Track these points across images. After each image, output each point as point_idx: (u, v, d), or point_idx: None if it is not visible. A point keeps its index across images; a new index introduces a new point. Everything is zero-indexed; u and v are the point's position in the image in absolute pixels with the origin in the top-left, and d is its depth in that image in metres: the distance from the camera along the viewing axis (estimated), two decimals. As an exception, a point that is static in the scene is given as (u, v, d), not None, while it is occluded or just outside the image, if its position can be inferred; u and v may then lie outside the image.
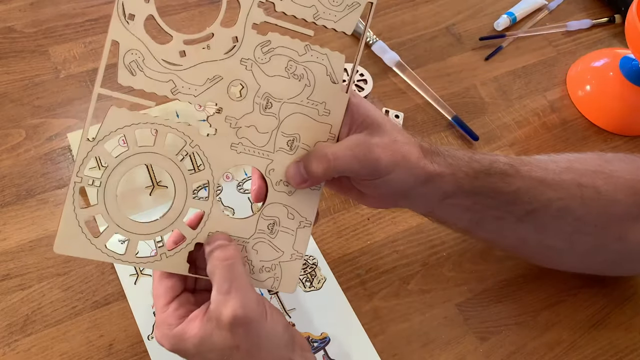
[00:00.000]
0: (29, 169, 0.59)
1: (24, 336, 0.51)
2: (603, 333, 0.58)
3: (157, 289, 0.44)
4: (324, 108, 0.43)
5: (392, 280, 0.58)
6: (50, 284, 0.54)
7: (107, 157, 0.39)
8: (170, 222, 0.41)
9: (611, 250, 0.52)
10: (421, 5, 0.80)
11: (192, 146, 0.41)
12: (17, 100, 0.64)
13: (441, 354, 0.55)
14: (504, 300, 0.59)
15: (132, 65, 0.38)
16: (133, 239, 0.41)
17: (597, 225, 0.49)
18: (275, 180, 0.43)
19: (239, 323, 0.40)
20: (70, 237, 0.39)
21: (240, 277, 0.41)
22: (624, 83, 0.71)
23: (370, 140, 0.42)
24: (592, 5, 0.84)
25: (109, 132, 0.39)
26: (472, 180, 0.46)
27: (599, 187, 0.49)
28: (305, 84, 0.42)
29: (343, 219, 0.61)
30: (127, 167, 0.40)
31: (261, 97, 0.41)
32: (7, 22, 0.69)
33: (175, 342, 0.42)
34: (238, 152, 0.42)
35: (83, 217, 0.40)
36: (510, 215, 0.48)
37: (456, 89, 0.73)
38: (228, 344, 0.40)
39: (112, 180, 0.40)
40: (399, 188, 0.44)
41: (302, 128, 0.43)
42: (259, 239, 0.44)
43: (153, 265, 0.42)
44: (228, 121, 0.41)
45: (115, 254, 0.41)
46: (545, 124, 0.72)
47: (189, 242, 0.42)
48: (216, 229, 0.42)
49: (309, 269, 0.57)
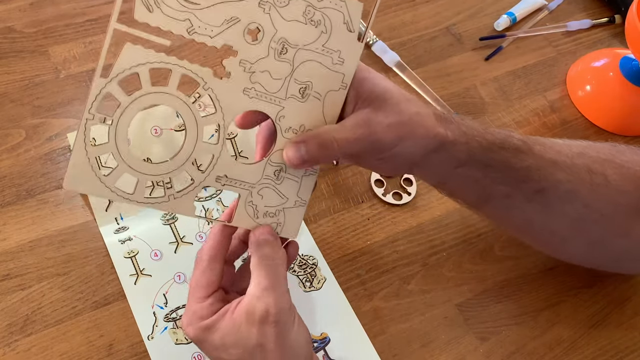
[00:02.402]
0: (29, 169, 0.59)
1: (24, 336, 0.51)
2: (603, 333, 0.58)
3: (200, 279, 0.44)
4: (338, 57, 0.42)
5: (392, 280, 0.58)
6: (50, 284, 0.54)
7: (120, 94, 0.38)
8: (180, 164, 0.41)
9: (615, 245, 0.52)
10: (421, 5, 0.80)
11: (205, 89, 0.40)
12: (17, 100, 0.64)
13: (441, 354, 0.55)
14: (504, 300, 0.59)
15: (149, 2, 0.37)
16: (142, 179, 0.41)
17: (604, 214, 0.49)
18: (284, 127, 0.43)
19: (269, 321, 0.40)
20: (80, 173, 0.39)
21: (281, 280, 0.42)
22: (624, 83, 0.71)
23: (373, 119, 0.42)
24: (592, 5, 0.84)
25: (122, 69, 0.38)
26: (485, 151, 0.45)
27: (608, 175, 0.49)
28: (321, 31, 0.41)
29: (343, 219, 0.61)
30: (140, 106, 0.39)
31: (277, 42, 0.41)
32: (7, 22, 0.69)
33: (201, 333, 0.42)
34: (250, 97, 0.41)
35: (93, 154, 0.39)
36: (519, 194, 0.48)
37: (456, 89, 0.73)
38: (253, 342, 0.40)
39: (124, 119, 0.39)
40: (408, 158, 0.44)
41: (315, 76, 0.42)
42: (264, 185, 0.44)
43: (161, 206, 0.42)
44: (242, 65, 0.40)
45: (124, 192, 0.40)
46: (545, 124, 0.72)
47: (197, 184, 0.42)
48: (224, 173, 0.42)
49: (309, 269, 0.57)
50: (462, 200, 0.51)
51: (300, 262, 0.58)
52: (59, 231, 0.56)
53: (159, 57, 0.39)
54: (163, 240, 0.57)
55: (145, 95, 0.39)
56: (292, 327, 0.41)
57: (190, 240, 0.57)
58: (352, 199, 0.62)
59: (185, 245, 0.57)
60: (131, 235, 0.57)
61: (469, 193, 0.49)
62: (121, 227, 0.57)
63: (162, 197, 0.41)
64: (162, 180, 0.41)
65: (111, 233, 0.57)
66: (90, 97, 0.38)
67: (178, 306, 0.54)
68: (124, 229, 0.57)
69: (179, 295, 0.55)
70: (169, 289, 0.55)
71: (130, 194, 0.41)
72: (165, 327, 0.53)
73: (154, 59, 0.38)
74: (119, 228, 0.57)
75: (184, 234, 0.58)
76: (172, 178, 0.41)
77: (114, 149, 0.39)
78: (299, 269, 0.57)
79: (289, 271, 0.57)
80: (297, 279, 0.57)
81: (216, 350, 0.42)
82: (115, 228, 0.57)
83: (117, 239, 0.56)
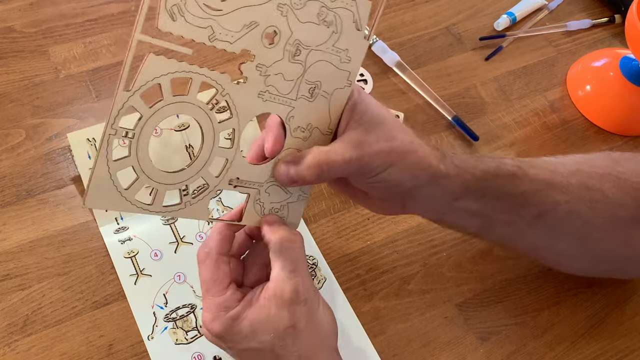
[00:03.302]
0: (29, 169, 0.59)
1: (24, 336, 0.51)
2: (603, 333, 0.58)
3: (214, 273, 0.44)
4: (346, 55, 0.43)
5: (392, 280, 0.58)
6: (50, 284, 0.54)
7: (142, 107, 0.38)
8: (197, 170, 0.42)
9: (619, 255, 0.52)
10: (421, 5, 0.80)
11: (223, 95, 0.40)
12: (17, 100, 0.64)
13: (441, 354, 0.55)
14: (504, 300, 0.59)
15: (173, 10, 0.37)
16: (161, 189, 0.41)
17: (605, 229, 0.49)
18: (293, 127, 0.44)
19: (300, 300, 0.41)
20: (102, 190, 0.39)
21: (304, 262, 0.43)
22: (624, 83, 0.71)
23: (364, 139, 0.42)
24: (592, 5, 0.84)
25: (145, 81, 0.37)
26: (479, 181, 0.46)
27: (605, 190, 0.49)
28: (332, 31, 0.42)
29: (343, 219, 0.61)
30: (162, 117, 0.39)
31: (292, 45, 0.41)
32: (7, 22, 0.69)
33: (228, 324, 0.42)
34: (264, 100, 0.42)
35: (115, 170, 0.39)
36: (520, 220, 0.48)
37: (456, 89, 0.73)
38: (284, 323, 0.41)
39: (146, 130, 0.39)
40: (398, 187, 0.44)
41: (324, 75, 0.43)
42: (272, 183, 0.45)
43: (178, 213, 0.42)
44: (259, 69, 0.41)
45: (143, 204, 0.41)
46: (545, 124, 0.72)
47: (212, 189, 0.43)
48: (237, 176, 0.43)
49: (309, 269, 0.57)
50: (463, 231, 0.52)
51: (300, 262, 0.58)
52: (59, 231, 0.56)
53: (181, 67, 0.38)
54: (163, 240, 0.57)
55: (167, 106, 0.39)
56: (318, 306, 0.43)
57: (190, 240, 0.57)
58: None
59: (185, 245, 0.57)
60: (131, 235, 0.57)
61: (470, 225, 0.49)
62: (121, 227, 0.57)
63: (179, 204, 0.42)
64: (178, 189, 0.41)
65: (111, 233, 0.57)
66: (113, 112, 0.37)
67: (178, 306, 0.54)
68: (124, 229, 0.57)
69: (179, 295, 0.55)
70: (169, 289, 0.55)
71: (149, 205, 0.41)
72: (165, 327, 0.53)
73: (176, 69, 0.38)
74: (119, 228, 0.57)
75: (184, 234, 0.58)
76: (189, 185, 0.42)
77: (135, 162, 0.39)
78: (299, 269, 0.57)
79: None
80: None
81: (245, 339, 0.42)
82: (115, 228, 0.57)
83: (117, 239, 0.56)
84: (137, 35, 0.36)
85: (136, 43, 0.36)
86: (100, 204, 0.39)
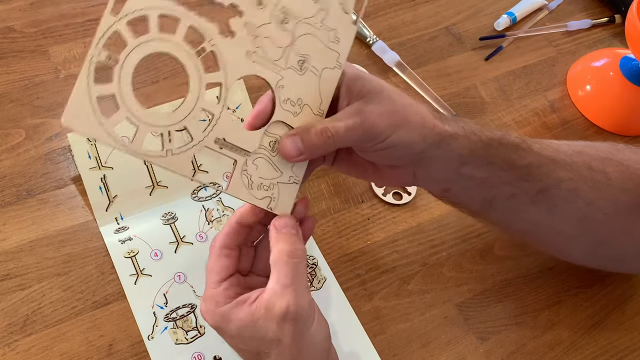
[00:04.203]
0: (29, 169, 0.59)
1: (24, 336, 0.51)
2: (603, 333, 0.58)
3: (214, 263, 0.44)
4: (334, 35, 0.44)
5: (392, 280, 0.58)
6: (50, 284, 0.54)
7: (128, 35, 0.38)
8: (181, 118, 0.41)
9: (618, 243, 0.52)
10: (421, 5, 0.80)
11: (210, 44, 0.40)
12: (17, 100, 0.64)
13: (441, 354, 0.55)
14: (504, 300, 0.59)
15: None
16: (142, 128, 0.40)
17: (606, 213, 0.49)
18: (283, 97, 0.43)
19: (288, 319, 0.40)
20: (80, 112, 0.38)
21: (302, 277, 0.42)
22: (624, 83, 0.71)
23: (365, 108, 0.42)
24: (592, 5, 0.84)
25: (133, 9, 0.38)
26: (486, 146, 0.45)
27: (609, 173, 0.49)
28: (320, 8, 0.43)
29: (343, 219, 0.61)
30: (147, 50, 0.39)
31: (279, 11, 0.42)
32: (7, 22, 0.69)
33: (218, 320, 0.42)
34: (252, 60, 0.42)
35: (95, 93, 0.38)
36: (523, 194, 0.48)
37: (456, 89, 0.73)
38: (271, 336, 0.41)
39: (130, 60, 0.39)
40: (407, 151, 0.44)
41: (313, 50, 0.43)
42: (260, 155, 0.44)
43: (157, 160, 0.41)
44: (247, 27, 0.41)
45: (121, 140, 0.39)
46: (545, 123, 0.72)
47: (196, 143, 0.42)
48: (223, 136, 0.42)
49: (309, 269, 0.57)
50: (467, 207, 0.51)
51: (300, 262, 0.58)
52: (59, 231, 0.56)
53: (170, 4, 0.39)
54: (163, 240, 0.57)
55: (152, 41, 0.39)
56: (311, 323, 0.42)
57: (191, 240, 0.57)
58: (352, 199, 0.62)
59: (185, 245, 0.57)
60: (131, 235, 0.57)
61: (474, 198, 0.49)
62: (121, 227, 0.57)
63: (160, 151, 0.41)
64: (160, 134, 0.40)
65: (111, 233, 0.57)
66: (98, 33, 0.37)
67: (178, 306, 0.54)
68: (124, 228, 0.57)
69: (179, 295, 0.55)
70: (169, 289, 0.55)
71: (129, 143, 0.40)
72: (165, 327, 0.53)
73: (164, 5, 0.38)
74: (119, 228, 0.57)
75: (184, 234, 0.58)
76: (172, 132, 0.41)
77: (117, 90, 0.39)
78: (299, 268, 0.57)
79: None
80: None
81: (232, 338, 0.43)
82: (115, 228, 0.57)
83: (117, 238, 0.56)
84: None
85: None
86: (78, 125, 0.38)
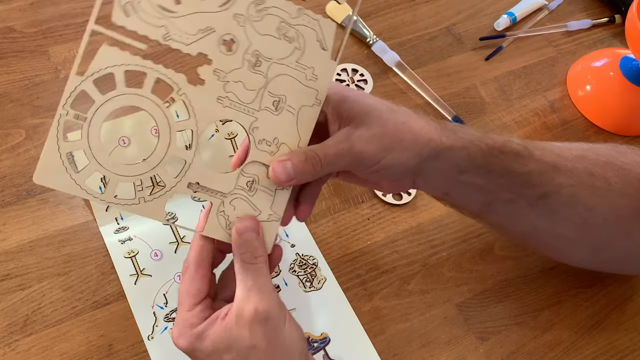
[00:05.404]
0: (29, 169, 0.59)
1: (24, 336, 0.51)
2: (603, 333, 0.58)
3: (189, 287, 0.43)
4: (312, 73, 0.43)
5: (392, 280, 0.58)
6: (50, 284, 0.54)
7: (94, 93, 0.39)
8: (152, 167, 0.41)
9: (618, 247, 0.52)
10: (421, 5, 0.80)
11: (179, 94, 0.41)
12: (17, 100, 0.64)
13: (441, 354, 0.55)
14: (504, 300, 0.59)
15: (127, 7, 0.38)
16: (113, 178, 0.41)
17: (606, 218, 0.49)
18: (258, 138, 0.43)
19: (259, 319, 0.40)
20: (51, 168, 0.40)
21: (265, 278, 0.42)
22: (624, 83, 0.71)
23: (353, 133, 0.42)
24: (592, 5, 0.84)
25: (98, 69, 0.39)
26: (485, 155, 0.45)
27: (609, 178, 0.49)
28: (295, 47, 0.42)
29: (343, 219, 0.61)
30: (114, 107, 0.40)
31: (251, 55, 0.42)
32: (7, 22, 0.69)
33: (192, 341, 0.42)
34: (224, 105, 0.42)
35: (65, 150, 0.40)
36: (522, 199, 0.48)
37: (456, 89, 0.73)
38: (245, 344, 0.40)
39: (98, 117, 0.40)
40: (401, 169, 0.44)
41: (289, 90, 0.43)
42: (237, 195, 0.43)
43: (130, 208, 0.42)
44: (216, 74, 0.41)
45: (93, 191, 0.41)
46: (545, 124, 0.72)
47: (168, 189, 0.42)
48: (196, 180, 0.42)
49: (309, 269, 0.57)
50: (466, 210, 0.51)
51: (301, 262, 0.58)
52: (59, 231, 0.56)
53: (135, 60, 0.40)
54: (163, 240, 0.57)
55: (120, 96, 0.40)
56: (283, 323, 0.41)
57: (191, 241, 0.57)
58: (352, 199, 0.62)
59: (185, 245, 0.57)
60: (131, 235, 0.57)
61: (473, 201, 0.49)
62: (121, 227, 0.57)
63: (132, 199, 0.41)
64: (133, 183, 0.41)
65: (111, 233, 0.57)
66: (65, 94, 0.39)
67: (178, 306, 0.54)
68: (124, 229, 0.57)
69: (179, 295, 0.55)
70: (169, 289, 0.55)
71: (100, 194, 0.41)
72: (165, 327, 0.53)
73: (129, 62, 0.39)
74: (119, 228, 0.57)
75: (184, 234, 0.58)
76: (143, 181, 0.41)
77: (86, 146, 0.40)
78: (299, 269, 0.57)
79: (289, 271, 0.57)
80: (297, 279, 0.57)
81: (209, 357, 0.41)
82: (115, 228, 0.57)
83: (117, 239, 0.56)
84: (91, 25, 0.38)
85: (90, 32, 0.38)
86: (49, 181, 0.40)
